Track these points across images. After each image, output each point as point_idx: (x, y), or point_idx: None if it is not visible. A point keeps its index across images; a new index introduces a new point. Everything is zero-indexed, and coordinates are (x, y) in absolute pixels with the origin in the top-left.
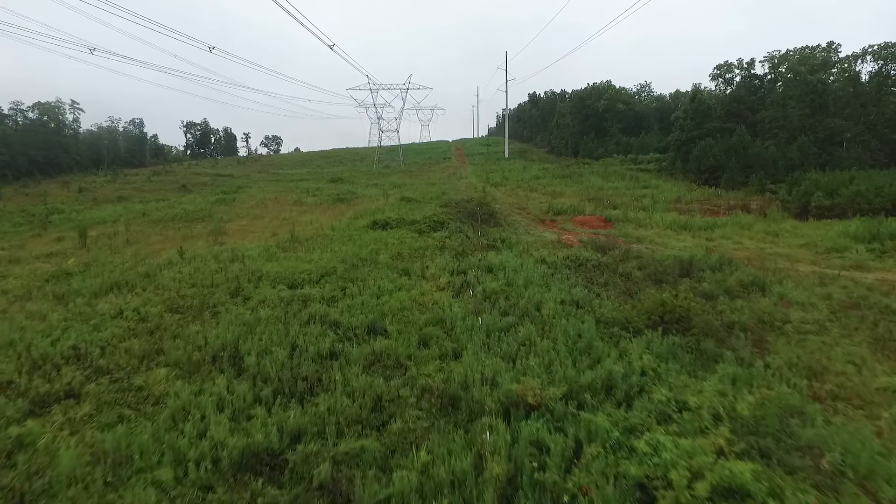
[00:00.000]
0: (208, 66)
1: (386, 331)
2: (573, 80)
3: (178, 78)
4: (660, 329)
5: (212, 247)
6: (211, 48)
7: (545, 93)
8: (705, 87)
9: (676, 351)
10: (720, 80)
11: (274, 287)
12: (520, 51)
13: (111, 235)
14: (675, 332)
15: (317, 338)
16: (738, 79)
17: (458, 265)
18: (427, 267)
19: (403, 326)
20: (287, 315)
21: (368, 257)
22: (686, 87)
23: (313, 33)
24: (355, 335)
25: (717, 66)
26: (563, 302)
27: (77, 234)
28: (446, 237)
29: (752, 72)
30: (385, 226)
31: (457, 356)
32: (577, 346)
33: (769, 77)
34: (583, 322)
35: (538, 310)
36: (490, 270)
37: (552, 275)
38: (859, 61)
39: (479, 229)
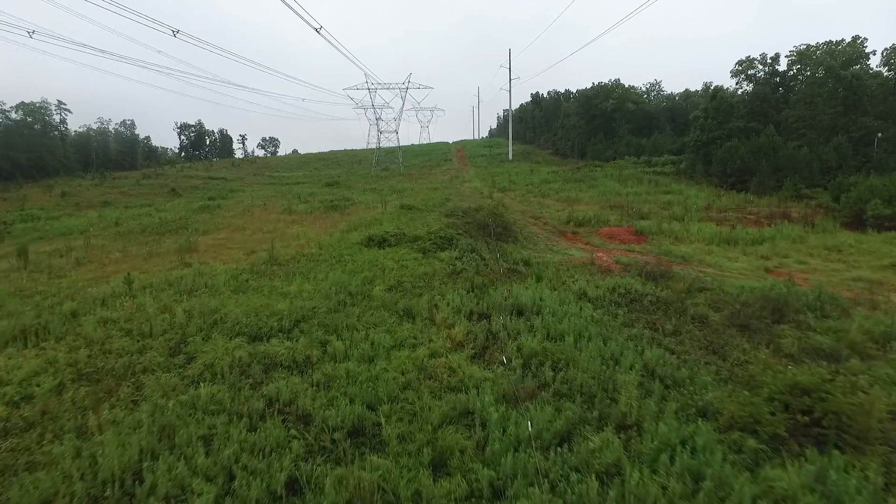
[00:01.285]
0: (203, 66)
1: (380, 429)
2: (575, 80)
3: (173, 78)
4: (814, 440)
5: (174, 269)
6: (175, 32)
7: (548, 93)
8: (715, 85)
9: (867, 494)
10: (741, 76)
11: (231, 339)
12: (523, 49)
13: (64, 252)
14: (838, 442)
15: (271, 453)
16: (760, 75)
17: (478, 303)
18: (436, 305)
19: (407, 427)
20: (236, 398)
21: (360, 290)
22: (694, 86)
23: (299, 15)
24: (333, 443)
25: (739, 61)
26: (632, 368)
27: (16, 251)
28: (457, 259)
29: (777, 68)
30: (382, 243)
31: (497, 495)
32: (701, 483)
33: (790, 73)
34: (685, 421)
35: (605, 389)
36: (521, 313)
37: (602, 318)
38: None
39: (494, 247)
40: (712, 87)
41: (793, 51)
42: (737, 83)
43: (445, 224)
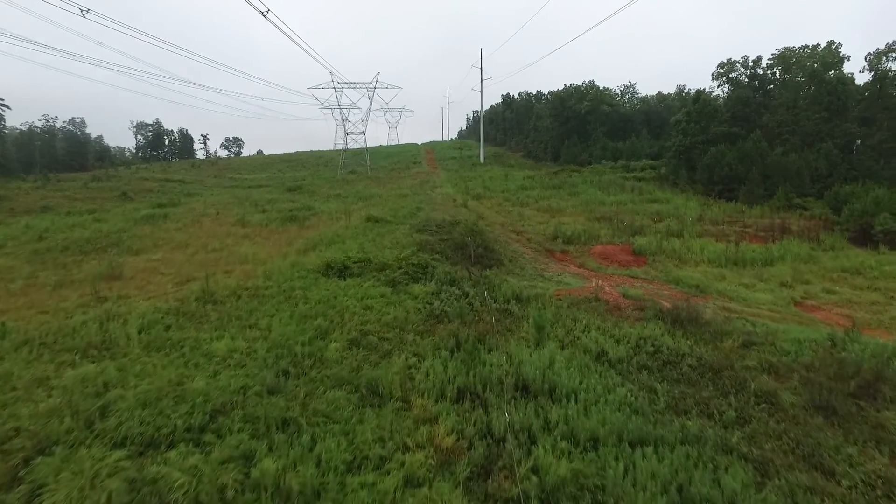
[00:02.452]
0: (163, 64)
1: None
2: (546, 80)
3: (129, 77)
4: None
5: (81, 307)
6: (84, 11)
7: (520, 94)
8: (697, 88)
9: None
10: (723, 79)
11: (111, 450)
12: (495, 49)
13: None
14: None
15: None
16: (742, 78)
17: (467, 373)
18: (412, 377)
19: None
20: None
21: (310, 350)
22: (666, 88)
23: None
24: None
25: (720, 63)
26: None
27: None
28: (433, 295)
29: (759, 71)
30: (343, 271)
31: None
32: None
33: (768, 76)
34: None
35: None
36: (527, 391)
37: (638, 399)
38: (884, 59)
39: (476, 275)
40: (693, 91)
41: (775, 54)
42: (718, 86)
43: (418, 243)
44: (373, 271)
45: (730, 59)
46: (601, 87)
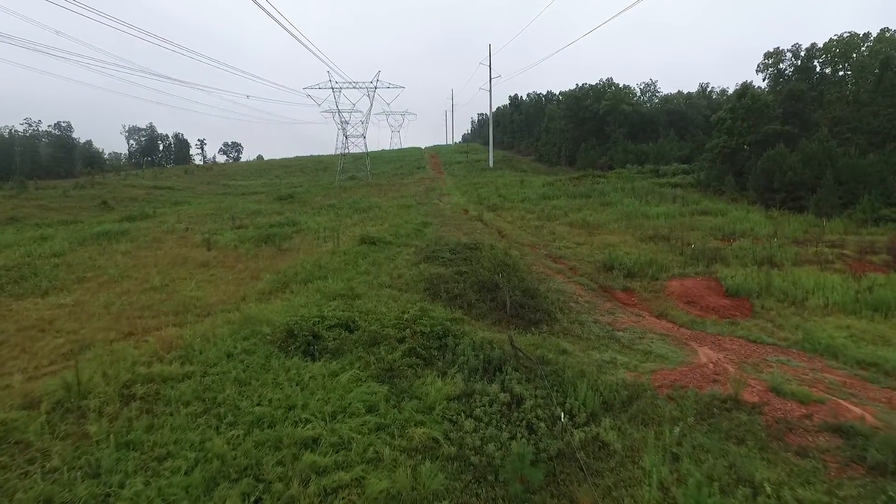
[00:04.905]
0: (153, 66)
1: None
2: (551, 81)
3: (119, 79)
4: None
5: None
6: None
7: (528, 95)
8: (743, 82)
9: None
10: (770, 70)
11: None
12: (502, 47)
13: None
14: None
15: None
16: (788, 70)
17: None
18: None
19: None
20: None
21: None
22: (684, 86)
23: None
24: None
25: (766, 53)
26: None
27: None
28: (461, 403)
29: (812, 62)
30: (312, 344)
31: None
32: None
33: (816, 67)
34: None
35: None
36: None
37: None
38: None
39: (529, 361)
40: (718, 88)
41: (833, 39)
42: (763, 79)
43: (426, 280)
44: (359, 345)
45: (777, 47)
46: (620, 86)
